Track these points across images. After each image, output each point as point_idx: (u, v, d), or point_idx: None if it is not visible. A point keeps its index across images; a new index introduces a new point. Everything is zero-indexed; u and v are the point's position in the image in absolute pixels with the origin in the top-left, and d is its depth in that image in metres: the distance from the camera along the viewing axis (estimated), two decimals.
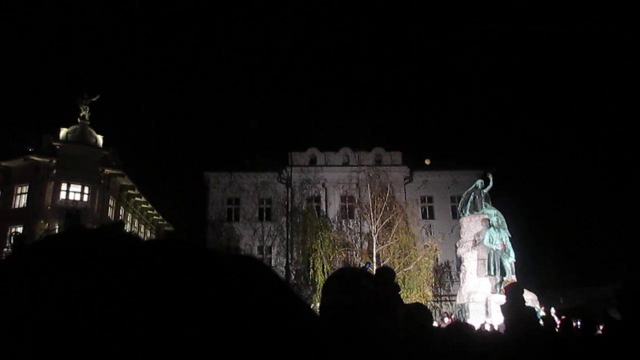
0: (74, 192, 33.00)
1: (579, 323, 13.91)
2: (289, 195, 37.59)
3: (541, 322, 12.08)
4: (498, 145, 71.18)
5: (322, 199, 37.70)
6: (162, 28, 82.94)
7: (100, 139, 35.00)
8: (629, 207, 60.46)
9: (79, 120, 34.36)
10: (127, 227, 40.54)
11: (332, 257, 29.61)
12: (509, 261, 21.64)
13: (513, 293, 6.62)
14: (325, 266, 28.77)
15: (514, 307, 6.40)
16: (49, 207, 31.86)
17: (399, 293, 5.52)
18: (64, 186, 32.75)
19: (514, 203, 37.70)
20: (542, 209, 68.65)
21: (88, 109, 34.52)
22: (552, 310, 19.97)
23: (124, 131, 64.42)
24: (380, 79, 79.93)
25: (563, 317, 14.88)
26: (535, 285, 23.13)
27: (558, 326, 12.24)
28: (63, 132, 33.74)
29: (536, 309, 18.96)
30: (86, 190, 33.41)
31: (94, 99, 34.87)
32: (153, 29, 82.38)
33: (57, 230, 0.52)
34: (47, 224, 31.37)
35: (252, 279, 0.46)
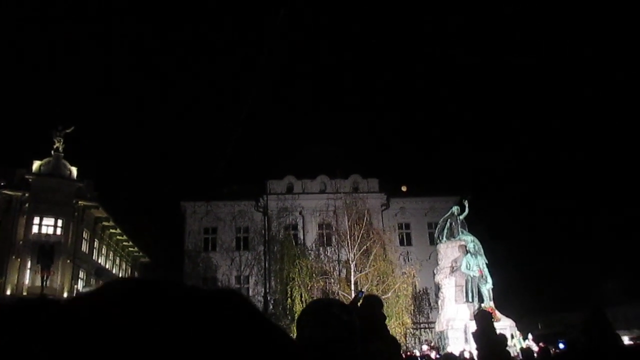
0: (47, 226, 32.27)
1: (560, 345, 14.09)
2: (266, 223, 37.48)
3: (518, 354, 12.23)
4: (474, 171, 72.15)
5: (300, 227, 37.64)
6: (136, 58, 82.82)
7: (74, 171, 34.47)
8: (606, 232, 61.47)
9: (52, 152, 33.89)
10: (102, 260, 39.90)
11: (310, 285, 29.42)
12: (487, 287, 21.80)
13: (482, 320, 6.71)
14: (303, 295, 28.56)
15: (483, 335, 6.49)
16: (21, 242, 31.15)
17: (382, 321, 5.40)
18: (36, 220, 32.04)
19: (490, 229, 38.09)
20: (518, 234, 69.18)
21: (62, 141, 34.10)
22: (530, 337, 20.14)
23: (98, 162, 63.58)
24: (356, 106, 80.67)
25: (541, 344, 15.05)
26: (513, 312, 23.25)
27: (536, 354, 12.40)
28: (36, 165, 33.17)
29: (515, 336, 19.12)
30: (60, 223, 32.72)
31: (68, 131, 34.48)
32: (126, 59, 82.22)
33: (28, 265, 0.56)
34: (19, 259, 30.70)
35: (229, 313, 0.50)
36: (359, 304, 4.89)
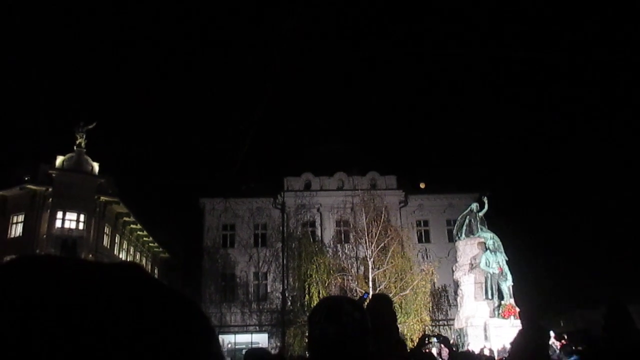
0: (69, 221, 32.85)
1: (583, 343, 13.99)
2: (284, 220, 37.61)
3: None
4: (493, 168, 71.45)
5: (317, 224, 37.67)
6: (155, 55, 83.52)
7: (96, 166, 35.00)
8: (627, 229, 60.52)
9: (75, 148, 34.43)
10: (123, 255, 40.39)
11: (327, 282, 29.52)
12: (507, 284, 21.74)
13: (529, 317, 6.67)
14: (321, 292, 28.63)
15: (532, 332, 6.45)
16: (44, 236, 31.69)
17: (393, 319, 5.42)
18: (59, 214, 32.61)
19: (510, 226, 37.84)
20: (539, 231, 68.33)
21: (84, 136, 34.66)
22: (552, 334, 20.02)
23: (119, 158, 64.19)
24: (374, 103, 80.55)
25: (563, 341, 14.98)
26: (535, 309, 23.11)
27: (558, 351, 12.36)
28: (59, 160, 33.74)
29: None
30: (82, 218, 33.27)
31: (90, 127, 35.03)
32: (147, 56, 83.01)
33: None
34: (42, 254, 31.20)
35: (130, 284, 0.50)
36: (364, 305, 4.92)
